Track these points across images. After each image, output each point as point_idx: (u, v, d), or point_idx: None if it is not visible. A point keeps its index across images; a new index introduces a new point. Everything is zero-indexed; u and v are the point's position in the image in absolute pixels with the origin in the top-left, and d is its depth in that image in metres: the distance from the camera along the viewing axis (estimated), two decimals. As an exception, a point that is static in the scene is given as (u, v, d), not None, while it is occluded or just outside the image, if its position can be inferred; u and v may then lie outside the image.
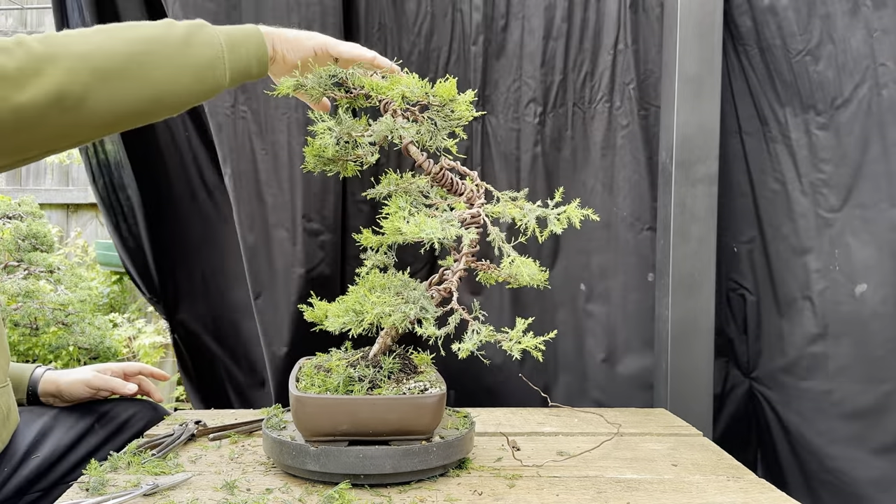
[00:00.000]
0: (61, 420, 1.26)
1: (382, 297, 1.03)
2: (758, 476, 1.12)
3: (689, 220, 1.66)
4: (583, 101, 1.77)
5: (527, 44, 1.76)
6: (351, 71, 1.11)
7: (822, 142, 1.63)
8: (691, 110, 1.65)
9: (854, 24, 1.57)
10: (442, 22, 1.76)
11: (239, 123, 1.69)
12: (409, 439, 1.05)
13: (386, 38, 1.75)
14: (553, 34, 1.75)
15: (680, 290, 1.66)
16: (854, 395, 1.60)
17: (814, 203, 1.64)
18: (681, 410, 1.60)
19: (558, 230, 1.10)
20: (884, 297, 1.55)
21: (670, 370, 1.66)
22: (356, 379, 1.06)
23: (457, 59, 1.76)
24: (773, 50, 1.64)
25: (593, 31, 1.75)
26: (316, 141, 1.09)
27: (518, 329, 1.00)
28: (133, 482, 1.03)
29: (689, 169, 1.66)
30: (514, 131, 1.77)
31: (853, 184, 1.60)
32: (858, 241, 1.59)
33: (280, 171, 1.71)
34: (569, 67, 1.76)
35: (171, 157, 1.87)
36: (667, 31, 1.72)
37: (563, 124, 1.78)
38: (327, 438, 1.03)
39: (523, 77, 1.77)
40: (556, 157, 1.79)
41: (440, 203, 1.13)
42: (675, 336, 1.66)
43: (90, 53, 0.80)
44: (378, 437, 1.04)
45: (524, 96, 1.77)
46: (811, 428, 1.65)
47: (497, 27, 1.76)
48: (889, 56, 1.54)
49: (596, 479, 1.10)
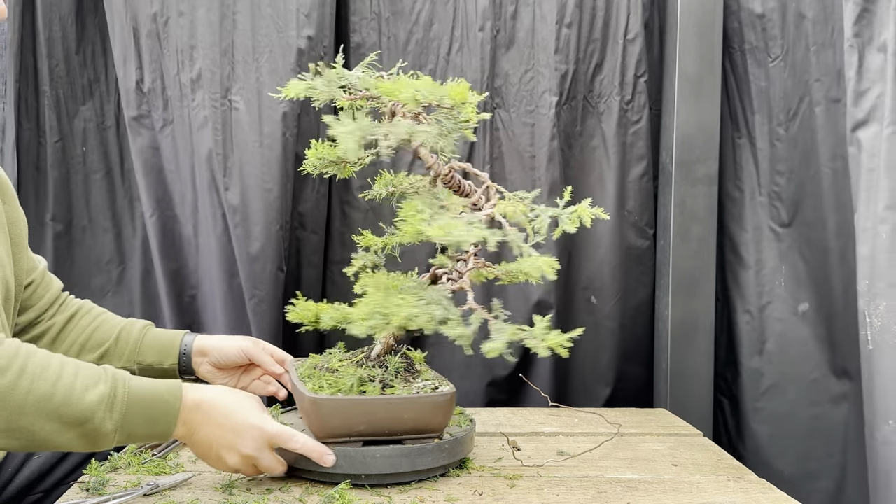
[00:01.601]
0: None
1: (407, 299, 1.02)
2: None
3: (689, 219, 1.66)
4: (592, 94, 1.70)
5: (539, 30, 1.67)
6: (360, 74, 1.10)
7: (779, 153, 1.59)
8: (691, 110, 1.65)
9: (800, 34, 1.53)
10: (443, 8, 1.68)
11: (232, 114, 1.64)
12: (422, 438, 1.05)
13: (381, 27, 1.69)
14: (566, 20, 1.66)
15: (680, 290, 1.66)
16: (782, 416, 1.59)
17: (768, 215, 1.62)
18: (680, 410, 1.60)
19: (572, 229, 1.08)
20: (824, 317, 1.53)
21: (670, 370, 1.66)
22: (367, 379, 1.07)
23: (459, 48, 1.68)
24: (756, 53, 1.61)
25: (603, 20, 1.68)
26: (339, 145, 1.06)
27: (540, 327, 0.99)
28: (133, 482, 1.03)
29: (689, 169, 1.65)
30: (528, 126, 1.69)
31: (800, 200, 1.57)
32: (803, 259, 1.57)
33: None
34: (580, 57, 1.68)
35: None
36: (666, 31, 1.72)
37: (576, 117, 1.71)
38: (342, 440, 1.03)
39: (537, 67, 1.67)
40: (570, 154, 1.72)
41: (452, 205, 1.12)
42: (675, 336, 1.66)
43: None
44: (393, 436, 1.04)
45: (538, 87, 1.68)
46: (742, 444, 1.66)
47: (506, 14, 1.67)
48: (824, 71, 1.49)
49: (596, 480, 1.10)
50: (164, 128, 1.67)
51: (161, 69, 1.65)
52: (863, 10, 1.20)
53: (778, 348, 1.60)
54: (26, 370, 0.81)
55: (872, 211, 1.19)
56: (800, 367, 1.57)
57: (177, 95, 1.65)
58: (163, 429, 0.90)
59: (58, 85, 1.70)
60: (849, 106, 1.24)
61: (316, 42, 1.64)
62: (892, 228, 1.16)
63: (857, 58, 1.22)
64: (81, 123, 1.73)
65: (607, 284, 1.74)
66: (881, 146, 1.17)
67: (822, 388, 1.54)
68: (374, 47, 1.69)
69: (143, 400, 0.88)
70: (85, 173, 1.74)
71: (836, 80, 1.46)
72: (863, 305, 1.20)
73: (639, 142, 1.71)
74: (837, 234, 1.48)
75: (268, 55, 1.63)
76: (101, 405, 0.84)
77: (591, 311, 1.76)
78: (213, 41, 1.62)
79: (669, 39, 1.69)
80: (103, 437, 0.85)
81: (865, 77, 1.22)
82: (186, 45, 1.62)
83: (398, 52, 1.70)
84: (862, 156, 1.21)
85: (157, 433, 0.90)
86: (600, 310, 1.75)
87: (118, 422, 0.86)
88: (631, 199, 1.73)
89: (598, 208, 1.10)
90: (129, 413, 0.87)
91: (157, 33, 1.63)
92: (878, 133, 1.19)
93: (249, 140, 1.63)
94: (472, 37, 1.68)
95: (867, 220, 1.20)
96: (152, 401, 0.89)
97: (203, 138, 1.64)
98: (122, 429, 0.86)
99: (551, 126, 1.67)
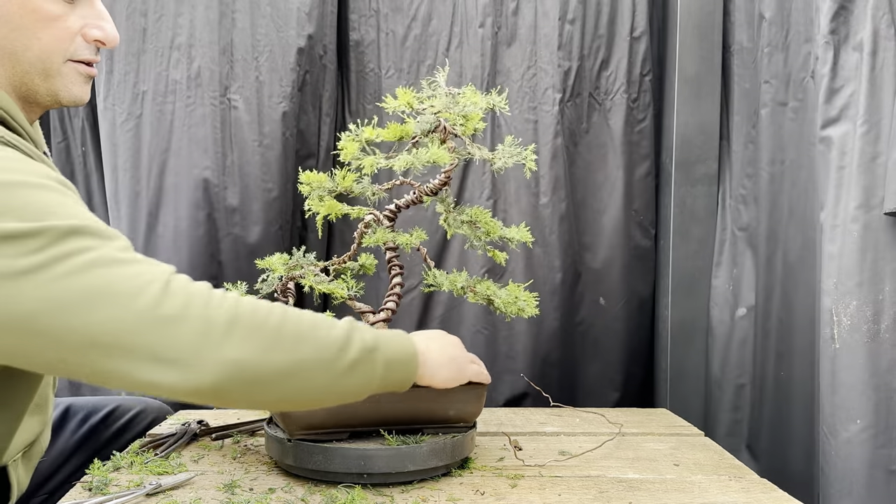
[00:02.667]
0: (67, 422, 1.25)
1: None
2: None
3: (688, 219, 1.66)
4: (598, 91, 1.70)
5: (541, 27, 1.67)
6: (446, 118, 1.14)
7: (750, 154, 1.58)
8: (691, 110, 1.65)
9: (760, 35, 1.51)
10: (442, 4, 1.68)
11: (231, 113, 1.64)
12: (457, 427, 1.10)
13: (379, 22, 1.69)
14: (569, 16, 1.66)
15: (680, 290, 1.66)
16: (717, 422, 1.61)
17: (733, 218, 1.62)
18: (681, 410, 1.60)
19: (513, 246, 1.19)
20: (762, 325, 1.53)
21: (670, 370, 1.66)
22: None
23: (458, 45, 1.68)
24: (743, 54, 1.61)
25: (608, 16, 1.67)
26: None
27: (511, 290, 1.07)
28: (136, 482, 1.03)
29: (689, 169, 1.66)
30: (530, 122, 1.69)
31: (759, 204, 1.56)
32: (751, 263, 1.57)
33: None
34: (584, 54, 1.68)
35: None
36: (667, 32, 1.72)
37: (581, 115, 1.70)
38: (370, 428, 1.07)
39: (539, 63, 1.67)
40: (576, 152, 1.71)
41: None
42: (675, 336, 1.66)
43: (251, 358, 0.72)
44: (434, 425, 1.09)
45: (541, 84, 1.67)
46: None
47: (507, 10, 1.67)
48: (773, 74, 1.48)
49: (598, 479, 1.10)
50: (127, 122, 1.63)
51: (138, 63, 1.62)
52: (840, 7, 1.20)
53: (717, 352, 1.63)
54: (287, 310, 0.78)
55: (843, 209, 1.18)
56: (728, 372, 1.61)
57: (160, 91, 1.62)
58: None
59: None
60: (820, 103, 1.23)
61: (316, 41, 1.64)
62: (863, 227, 1.15)
63: (833, 55, 1.21)
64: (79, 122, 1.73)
65: (616, 285, 1.74)
66: (854, 145, 1.16)
67: (747, 396, 1.58)
68: (372, 44, 1.70)
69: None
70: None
71: (784, 83, 1.45)
72: (829, 304, 1.20)
73: (644, 140, 1.72)
74: (775, 238, 1.49)
75: (268, 54, 1.63)
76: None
77: (598, 313, 1.76)
78: (212, 39, 1.61)
79: (669, 40, 1.69)
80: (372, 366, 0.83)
81: (839, 75, 1.21)
82: (185, 42, 1.61)
83: (396, 47, 1.70)
84: (832, 153, 1.21)
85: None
86: (608, 311, 1.75)
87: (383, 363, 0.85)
88: (637, 199, 1.73)
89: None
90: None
91: (143, 28, 1.61)
92: (849, 131, 1.19)
93: (249, 139, 1.63)
94: (471, 33, 1.67)
95: (836, 217, 1.19)
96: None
97: (198, 135, 1.62)
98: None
99: (555, 123, 1.67)
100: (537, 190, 1.70)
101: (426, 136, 1.13)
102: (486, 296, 1.16)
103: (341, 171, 1.16)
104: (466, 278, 1.19)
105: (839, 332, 1.18)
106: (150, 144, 1.62)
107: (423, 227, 1.22)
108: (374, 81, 1.71)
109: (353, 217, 1.22)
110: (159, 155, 1.62)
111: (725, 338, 1.60)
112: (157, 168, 1.63)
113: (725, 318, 1.61)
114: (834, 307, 1.19)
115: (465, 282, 1.18)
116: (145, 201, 1.63)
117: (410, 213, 1.41)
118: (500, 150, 1.15)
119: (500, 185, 1.71)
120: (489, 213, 1.20)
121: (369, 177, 1.16)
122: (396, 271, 1.20)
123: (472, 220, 1.18)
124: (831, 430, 1.18)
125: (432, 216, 1.67)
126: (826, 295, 1.21)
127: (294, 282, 1.15)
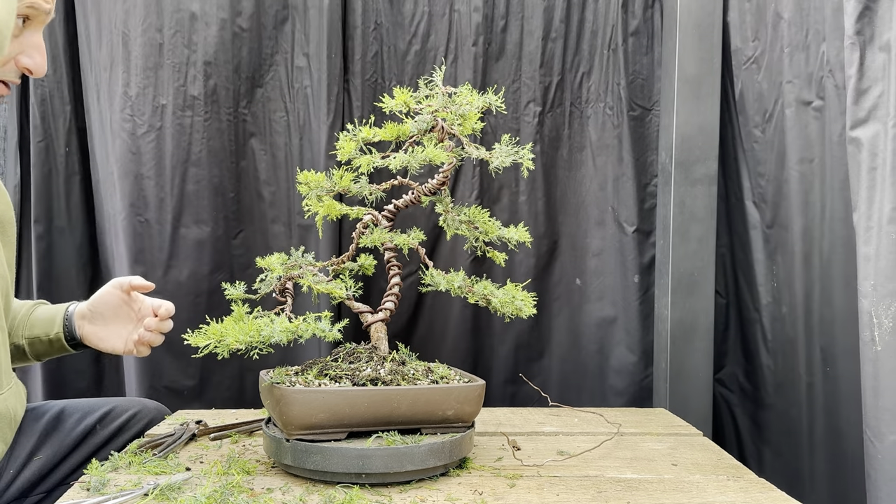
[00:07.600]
0: (64, 421, 1.26)
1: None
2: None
3: (688, 220, 1.66)
4: (580, 101, 1.81)
5: (526, 44, 1.79)
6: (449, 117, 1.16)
7: (759, 155, 1.60)
8: (691, 110, 1.65)
9: (776, 36, 1.53)
10: (439, 22, 1.78)
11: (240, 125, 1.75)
12: (455, 427, 1.10)
13: (382, 37, 1.77)
14: (552, 35, 1.78)
15: (680, 290, 1.66)
16: (794, 418, 1.58)
17: (761, 217, 1.63)
18: (680, 410, 1.60)
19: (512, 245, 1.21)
20: (802, 319, 1.52)
21: (670, 370, 1.66)
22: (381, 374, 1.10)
23: (454, 60, 1.79)
24: (736, 55, 1.61)
25: (590, 32, 1.79)
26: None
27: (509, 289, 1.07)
28: (134, 482, 1.03)
29: (688, 169, 1.66)
30: (513, 131, 1.80)
31: (778, 202, 1.57)
32: (785, 260, 1.57)
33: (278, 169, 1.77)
34: (566, 68, 1.79)
35: None
36: (666, 32, 1.72)
37: (562, 123, 1.81)
38: (368, 428, 1.06)
39: (522, 78, 1.79)
40: (554, 157, 1.82)
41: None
42: (674, 336, 1.66)
43: None
44: (431, 425, 1.08)
45: (523, 97, 1.80)
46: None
47: (497, 28, 1.78)
48: (795, 74, 1.49)
49: (596, 479, 1.10)
50: (148, 133, 1.73)
51: (156, 77, 1.72)
52: (865, 7, 1.19)
53: (778, 347, 1.61)
54: None
55: (877, 210, 1.16)
56: (790, 361, 1.59)
57: (179, 105, 1.73)
58: None
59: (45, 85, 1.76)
60: (848, 104, 1.22)
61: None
62: None
63: (859, 55, 1.21)
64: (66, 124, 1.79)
65: (592, 278, 1.83)
66: (886, 146, 1.15)
67: (798, 392, 1.55)
68: (376, 57, 1.78)
69: None
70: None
71: (806, 83, 1.46)
72: (868, 306, 1.17)
73: (620, 143, 1.80)
74: (803, 238, 1.49)
75: (273, 72, 1.77)
76: None
77: (586, 310, 1.84)
78: (226, 58, 1.73)
79: (669, 41, 1.69)
80: None
81: (866, 76, 1.20)
82: (200, 59, 1.72)
83: (398, 61, 1.79)
84: (862, 154, 1.20)
85: None
86: (590, 307, 1.83)
87: None
88: (613, 197, 1.82)
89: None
90: None
91: (159, 44, 1.71)
92: (879, 132, 1.18)
93: (256, 148, 1.76)
94: (465, 50, 1.79)
95: (870, 219, 1.18)
96: None
97: (213, 146, 1.74)
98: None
99: (533, 133, 1.80)
100: (517, 189, 1.82)
101: (424, 135, 1.13)
102: (484, 295, 1.16)
103: (338, 170, 1.16)
104: (464, 278, 1.19)
105: (880, 334, 1.15)
106: (173, 155, 1.74)
107: (414, 222, 1.25)
108: (378, 93, 1.79)
109: (353, 217, 1.23)
110: (181, 165, 1.74)
111: (782, 332, 1.60)
112: (180, 177, 1.75)
113: (778, 314, 1.60)
114: (873, 309, 1.16)
115: (463, 282, 1.18)
116: (169, 206, 1.75)
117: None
118: (497, 149, 1.15)
119: (486, 185, 1.83)
120: (487, 213, 1.21)
121: (367, 177, 1.16)
122: (395, 271, 1.20)
123: (471, 220, 1.18)
124: (876, 434, 1.15)
125: (421, 212, 1.77)
126: (864, 297, 1.18)
127: (292, 282, 1.15)
